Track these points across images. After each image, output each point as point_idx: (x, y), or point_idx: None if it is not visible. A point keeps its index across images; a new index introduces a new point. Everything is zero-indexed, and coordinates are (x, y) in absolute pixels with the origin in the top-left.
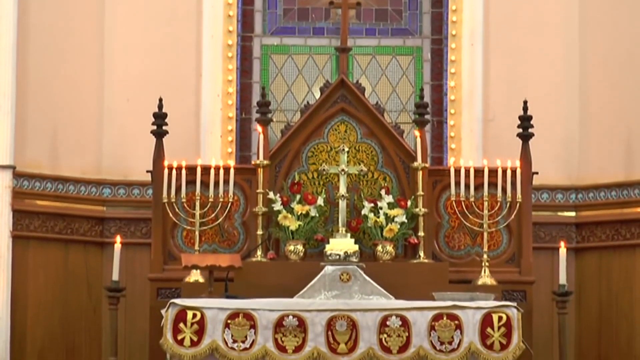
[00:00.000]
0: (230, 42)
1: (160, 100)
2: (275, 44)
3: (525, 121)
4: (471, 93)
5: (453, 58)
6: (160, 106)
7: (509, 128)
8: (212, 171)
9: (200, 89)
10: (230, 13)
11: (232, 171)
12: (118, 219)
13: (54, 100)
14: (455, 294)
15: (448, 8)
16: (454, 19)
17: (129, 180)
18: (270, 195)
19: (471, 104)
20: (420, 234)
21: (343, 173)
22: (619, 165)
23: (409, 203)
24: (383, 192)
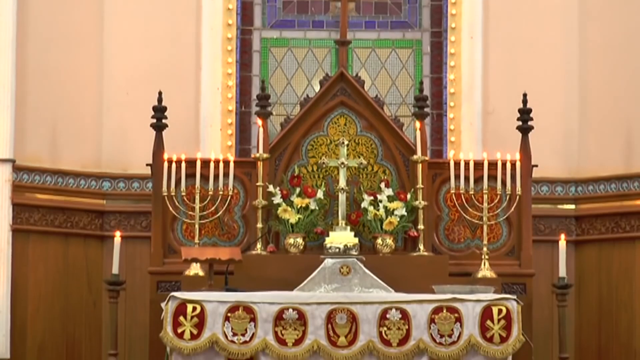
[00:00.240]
0: (229, 35)
1: (159, 93)
2: (274, 37)
3: (524, 114)
4: (471, 86)
5: (452, 51)
6: (159, 99)
7: (508, 121)
8: (212, 164)
9: (199, 82)
10: (230, 6)
11: (232, 164)
12: (118, 212)
13: (54, 94)
14: (455, 287)
15: (447, 1)
16: (453, 11)
17: (129, 173)
18: (270, 188)
19: (471, 96)
20: (420, 226)
21: (343, 166)
22: (619, 157)
23: (408, 196)
24: (383, 185)
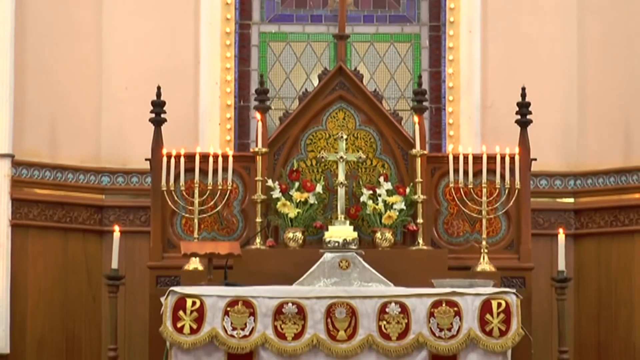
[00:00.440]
0: (228, 30)
1: (158, 88)
2: (273, 31)
3: (523, 108)
4: (469, 80)
5: (451, 45)
6: (158, 94)
7: (507, 115)
8: (211, 159)
9: (198, 76)
10: (228, 1)
11: (231, 159)
12: (117, 207)
13: (53, 89)
14: (454, 281)
15: None
16: (451, 5)
17: (128, 168)
18: (269, 182)
19: (469, 90)
20: (419, 220)
21: (342, 160)
22: (618, 151)
23: (407, 190)
24: (382, 179)
